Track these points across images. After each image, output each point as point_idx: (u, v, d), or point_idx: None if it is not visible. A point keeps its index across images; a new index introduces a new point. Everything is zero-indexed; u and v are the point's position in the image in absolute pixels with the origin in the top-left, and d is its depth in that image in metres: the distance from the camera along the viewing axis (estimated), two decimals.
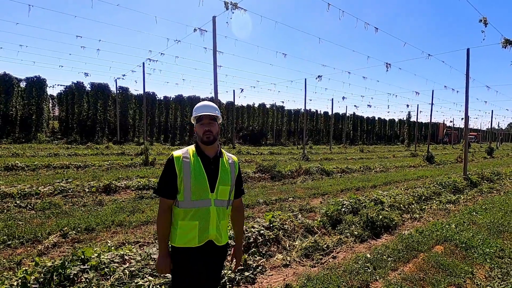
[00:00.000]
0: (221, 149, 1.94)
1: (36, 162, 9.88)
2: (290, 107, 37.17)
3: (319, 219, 5.04)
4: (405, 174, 12.04)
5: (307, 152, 18.84)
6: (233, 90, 27.85)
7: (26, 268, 2.76)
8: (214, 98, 9.32)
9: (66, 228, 4.36)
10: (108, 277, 2.80)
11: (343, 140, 36.26)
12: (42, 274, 2.65)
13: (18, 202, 5.59)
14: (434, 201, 7.20)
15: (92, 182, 7.22)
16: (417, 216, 5.98)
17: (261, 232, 4.03)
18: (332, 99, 28.64)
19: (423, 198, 7.25)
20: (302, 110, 37.01)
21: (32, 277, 2.60)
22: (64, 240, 4.11)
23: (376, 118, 48.21)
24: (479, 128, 70.53)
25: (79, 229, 4.45)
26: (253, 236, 3.90)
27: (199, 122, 1.83)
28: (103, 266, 2.90)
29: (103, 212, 5.36)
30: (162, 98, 27.70)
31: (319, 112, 40.56)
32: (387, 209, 5.69)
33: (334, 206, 5.32)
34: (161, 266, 1.81)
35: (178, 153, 1.81)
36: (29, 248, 3.82)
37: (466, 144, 11.07)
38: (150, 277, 2.83)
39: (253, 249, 3.74)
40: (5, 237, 4.01)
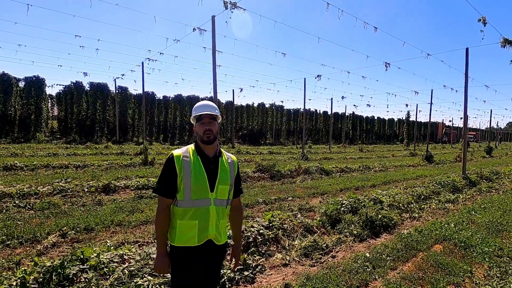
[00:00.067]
0: (220, 148, 1.94)
1: (35, 162, 9.87)
2: (290, 107, 37.31)
3: (319, 218, 5.04)
4: (404, 174, 12.06)
5: (306, 151, 18.85)
6: (233, 90, 27.91)
7: (25, 268, 2.75)
8: (214, 97, 9.31)
9: (65, 228, 4.36)
10: (108, 277, 2.80)
11: (342, 139, 36.28)
12: (41, 274, 2.65)
13: (17, 202, 5.58)
14: (433, 201, 7.21)
15: (91, 182, 7.21)
16: (416, 215, 5.99)
17: (261, 231, 4.04)
18: (332, 98, 28.60)
19: (422, 197, 7.26)
20: (301, 110, 37.04)
21: (31, 277, 2.60)
22: (63, 240, 4.10)
23: (376, 118, 48.25)
24: (478, 128, 70.66)
25: (78, 229, 4.45)
26: (253, 236, 3.91)
27: (199, 122, 1.83)
28: (103, 266, 2.90)
29: (102, 212, 5.36)
30: (161, 97, 27.68)
31: (318, 111, 40.57)
32: (386, 209, 5.70)
33: (334, 205, 5.33)
34: (159, 265, 1.80)
35: (178, 152, 1.81)
36: (28, 248, 3.82)
37: (465, 143, 11.09)
38: (150, 277, 2.83)
39: (253, 248, 3.74)
40: (4, 237, 4.00)
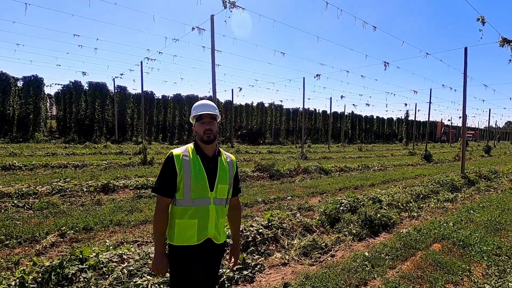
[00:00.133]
0: (219, 148, 1.94)
1: (34, 161, 9.84)
2: (289, 106, 37.18)
3: (318, 217, 5.05)
4: (403, 173, 12.08)
5: (305, 151, 18.86)
6: (232, 89, 27.91)
7: (24, 268, 2.75)
8: (213, 97, 9.30)
9: (64, 227, 4.35)
10: (107, 276, 2.80)
11: (341, 139, 36.30)
12: (40, 274, 2.65)
13: (15, 201, 5.57)
14: (432, 200, 7.23)
15: (90, 182, 7.20)
16: (415, 214, 6.00)
17: (260, 231, 4.04)
18: (331, 98, 28.60)
19: (421, 196, 7.28)
20: (300, 109, 37.08)
21: (30, 277, 2.60)
22: (62, 239, 4.10)
23: (375, 117, 48.30)
24: (476, 127, 70.82)
25: (77, 228, 4.44)
26: (252, 235, 3.91)
27: (199, 121, 1.82)
28: (102, 265, 2.90)
29: (101, 211, 5.35)
30: (160, 97, 27.66)
31: (317, 111, 40.59)
32: (385, 208, 5.71)
33: (333, 204, 5.33)
34: (157, 265, 1.78)
35: (177, 151, 1.80)
36: (27, 248, 3.81)
37: (464, 142, 11.13)
38: (149, 276, 2.83)
39: (252, 248, 3.75)
40: (2, 237, 3.99)
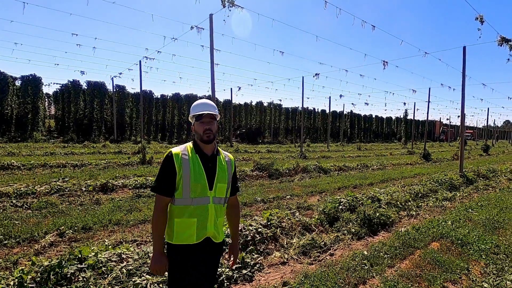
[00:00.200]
0: (218, 147, 1.94)
1: (32, 161, 9.82)
2: (288, 105, 37.14)
3: (317, 216, 5.05)
4: (402, 172, 12.11)
5: (304, 150, 18.87)
6: (231, 88, 27.81)
7: (23, 267, 2.74)
8: (212, 96, 9.28)
9: (63, 227, 4.35)
10: (106, 276, 2.80)
11: (340, 138, 36.33)
12: (39, 274, 2.65)
13: (14, 201, 5.56)
14: (431, 198, 7.25)
15: (89, 181, 7.19)
16: (414, 213, 6.02)
17: (259, 230, 4.04)
18: (330, 97, 28.53)
19: (420, 195, 7.29)
20: (299, 108, 37.02)
21: (29, 277, 2.59)
22: (61, 239, 4.09)
23: (374, 116, 48.33)
24: (475, 126, 70.92)
25: (76, 228, 4.43)
26: (251, 234, 3.91)
27: (199, 121, 1.82)
28: (101, 265, 2.90)
29: (100, 211, 5.34)
30: (159, 96, 27.58)
31: (316, 110, 40.57)
32: (384, 207, 5.72)
33: (332, 203, 5.34)
34: (156, 265, 1.77)
35: (176, 150, 1.80)
36: (25, 248, 3.81)
37: (462, 141, 11.15)
38: (148, 276, 2.83)
39: (251, 247, 3.75)
40: (1, 236, 3.98)
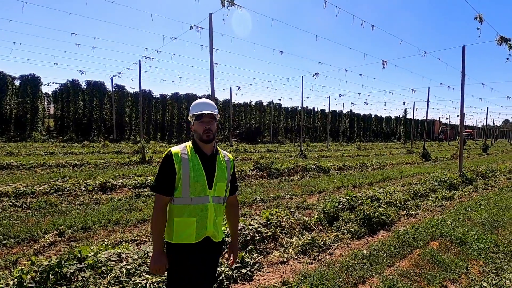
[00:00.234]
0: (217, 146, 1.95)
1: (32, 161, 9.81)
2: (287, 105, 37.07)
3: (316, 216, 5.06)
4: (402, 171, 12.12)
5: (304, 149, 18.87)
6: (230, 88, 27.87)
7: (22, 267, 2.74)
8: (211, 95, 9.28)
9: (62, 227, 4.34)
10: (105, 275, 2.79)
11: (340, 137, 36.36)
12: (38, 273, 2.64)
13: (13, 201, 5.55)
14: (430, 198, 7.26)
15: (88, 181, 7.18)
16: (413, 212, 6.03)
17: (258, 229, 4.04)
18: (329, 96, 28.59)
19: (419, 194, 7.30)
20: (299, 108, 37.01)
21: (28, 276, 2.59)
22: (60, 239, 4.09)
23: (373, 116, 48.37)
24: (474, 125, 70.98)
25: (75, 228, 4.43)
26: (250, 234, 3.91)
27: (199, 120, 1.82)
28: (100, 264, 2.90)
29: (99, 210, 5.34)
30: (158, 96, 27.58)
31: (316, 109, 40.61)
32: (383, 206, 5.72)
33: (331, 203, 5.35)
34: (156, 264, 1.76)
35: (176, 149, 1.80)
36: (25, 247, 3.80)
37: (462, 141, 11.16)
38: (148, 275, 2.83)
39: (250, 246, 3.75)
40: (0, 236, 3.98)
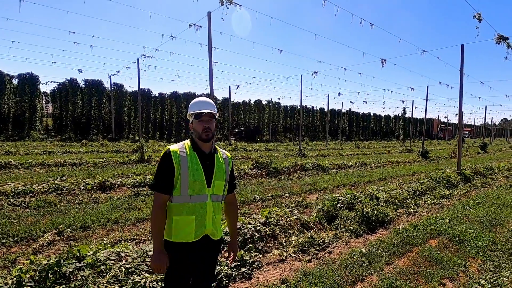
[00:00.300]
0: (215, 145, 1.95)
1: (30, 160, 9.78)
2: (286, 104, 37.18)
3: (315, 214, 5.07)
4: (400, 170, 12.15)
5: (303, 148, 18.88)
6: (229, 87, 27.84)
7: (21, 266, 2.74)
8: (210, 94, 9.26)
9: (61, 226, 4.34)
10: (104, 274, 2.79)
11: (339, 136, 36.40)
12: (37, 272, 2.64)
13: (12, 200, 5.53)
14: (429, 196, 7.28)
15: (87, 180, 7.17)
16: (412, 211, 6.04)
17: (258, 228, 4.05)
18: (328, 95, 28.60)
19: (418, 193, 7.32)
20: (298, 106, 37.04)
21: (27, 275, 2.59)
22: (59, 238, 4.08)
23: (372, 114, 48.40)
24: (473, 124, 71.30)
25: (74, 227, 4.43)
26: (250, 232, 3.92)
27: (198, 119, 1.82)
28: (99, 263, 2.89)
29: (98, 209, 5.33)
30: (157, 94, 27.49)
31: (315, 108, 40.62)
32: (382, 204, 5.74)
33: (330, 201, 5.36)
34: (157, 263, 1.75)
35: (174, 147, 1.80)
36: (23, 247, 3.80)
37: (460, 139, 11.19)
38: (147, 274, 2.83)
39: (250, 245, 3.76)
40: None
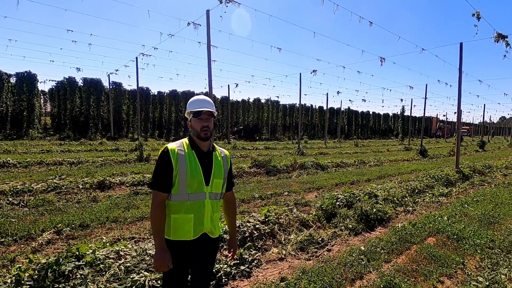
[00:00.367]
0: (213, 143, 1.95)
1: (28, 159, 9.75)
2: (285, 102, 36.98)
3: (314, 213, 5.08)
4: (399, 168, 12.18)
5: (302, 146, 18.89)
6: (228, 85, 27.72)
7: (20, 265, 2.73)
8: (209, 93, 9.24)
9: (60, 225, 4.33)
10: (104, 273, 2.79)
11: (338, 134, 36.44)
12: (36, 271, 2.64)
13: (10, 199, 5.53)
14: (427, 194, 7.31)
15: (86, 179, 7.16)
16: (410, 209, 6.06)
17: (257, 226, 4.06)
18: (327, 93, 28.70)
19: (416, 191, 7.35)
20: (297, 105, 37.03)
21: (26, 274, 2.58)
22: (58, 237, 4.08)
23: (371, 113, 48.47)
24: (471, 122, 71.47)
25: (73, 225, 4.42)
26: (249, 231, 3.92)
27: (197, 117, 1.81)
28: (98, 262, 2.89)
29: (97, 208, 5.33)
30: (156, 93, 27.44)
31: (314, 106, 40.61)
32: (381, 203, 5.75)
33: (329, 200, 5.37)
34: (160, 261, 1.74)
35: (172, 145, 1.80)
36: (22, 246, 3.79)
37: (459, 137, 11.22)
38: (146, 273, 2.83)
39: (249, 243, 3.76)
40: None
